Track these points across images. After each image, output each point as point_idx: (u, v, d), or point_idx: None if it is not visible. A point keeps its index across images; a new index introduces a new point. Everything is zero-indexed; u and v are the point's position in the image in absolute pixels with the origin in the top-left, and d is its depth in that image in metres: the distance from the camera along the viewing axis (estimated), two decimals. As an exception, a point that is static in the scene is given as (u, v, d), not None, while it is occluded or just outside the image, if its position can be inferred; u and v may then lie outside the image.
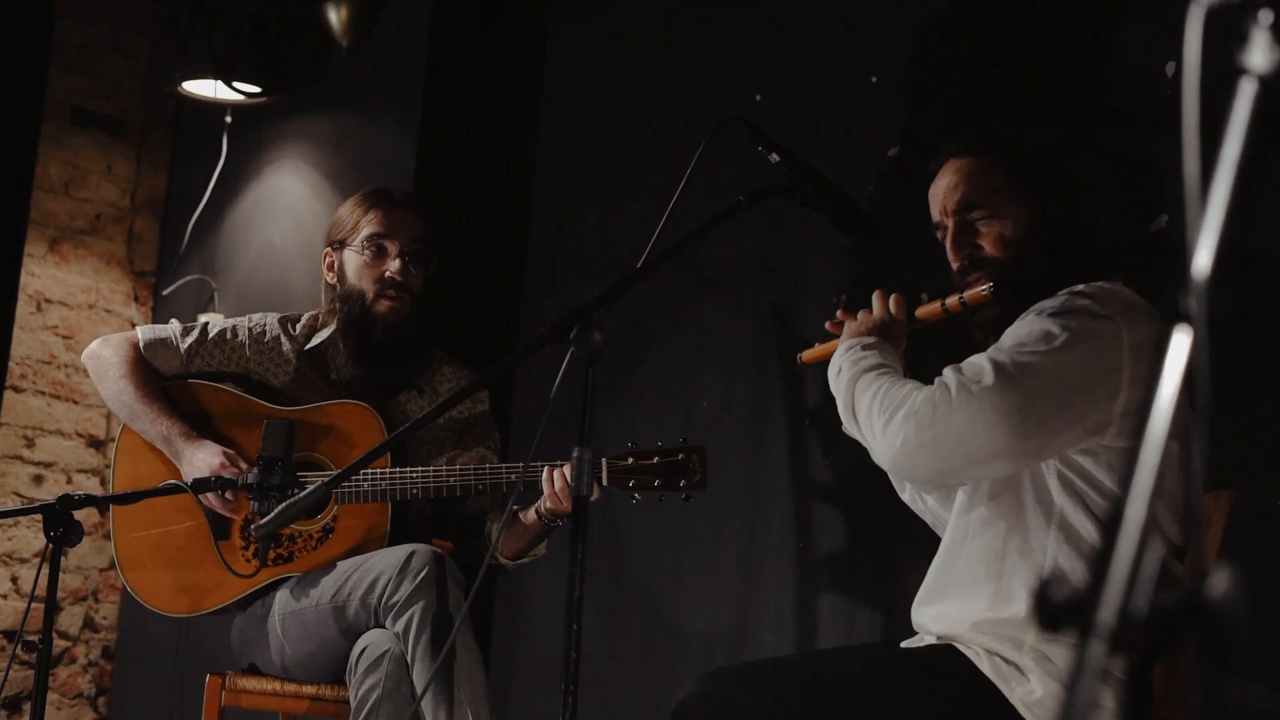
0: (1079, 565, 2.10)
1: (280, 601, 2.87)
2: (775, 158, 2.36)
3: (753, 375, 3.33)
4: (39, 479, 4.33)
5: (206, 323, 3.10)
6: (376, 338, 3.01)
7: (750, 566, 3.26)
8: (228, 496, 2.85)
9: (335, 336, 3.04)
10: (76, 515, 2.50)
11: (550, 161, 3.90)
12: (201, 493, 2.82)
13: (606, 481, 2.70)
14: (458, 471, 2.79)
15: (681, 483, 2.71)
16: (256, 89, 4.03)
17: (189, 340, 3.04)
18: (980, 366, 2.10)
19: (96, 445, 4.46)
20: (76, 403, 4.41)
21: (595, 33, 3.86)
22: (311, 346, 3.06)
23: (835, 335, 2.41)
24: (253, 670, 2.96)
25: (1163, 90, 2.71)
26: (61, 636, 4.34)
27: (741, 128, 2.40)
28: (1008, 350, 2.12)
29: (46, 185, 4.36)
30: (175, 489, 2.76)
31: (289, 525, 2.71)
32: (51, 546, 2.48)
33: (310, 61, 4.04)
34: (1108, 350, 2.09)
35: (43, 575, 2.44)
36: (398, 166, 3.86)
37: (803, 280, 3.27)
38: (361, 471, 2.74)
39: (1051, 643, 2.08)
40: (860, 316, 2.38)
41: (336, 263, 3.06)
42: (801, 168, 2.37)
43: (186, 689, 4.02)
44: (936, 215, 2.36)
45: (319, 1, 3.79)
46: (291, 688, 2.90)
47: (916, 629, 2.30)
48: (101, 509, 3.98)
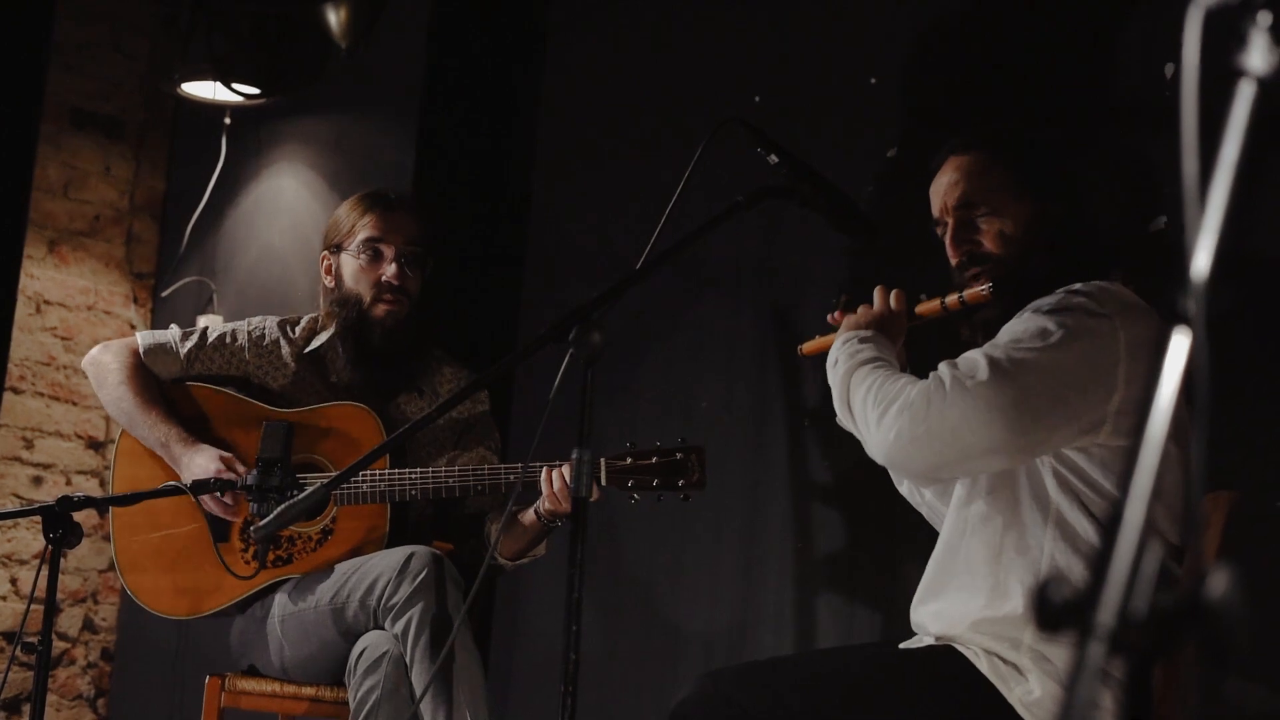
0: (1076, 563, 2.10)
1: (279, 603, 2.87)
2: (774, 158, 2.36)
3: (752, 375, 3.33)
4: (38, 480, 4.33)
5: (206, 327, 3.10)
6: (375, 342, 3.00)
7: (750, 567, 3.26)
8: (227, 500, 2.85)
9: (334, 340, 3.04)
10: (76, 517, 2.50)
11: (550, 162, 3.90)
12: (201, 494, 2.82)
13: (605, 481, 2.70)
14: (457, 472, 2.79)
15: (680, 482, 2.71)
16: (255, 90, 4.03)
17: (188, 345, 3.04)
18: (975, 361, 2.11)
19: (96, 447, 4.46)
20: (75, 404, 4.41)
21: (595, 33, 3.86)
22: (311, 349, 3.06)
23: (836, 328, 2.41)
24: (252, 672, 2.96)
25: (1162, 91, 2.71)
26: (61, 638, 4.34)
27: (740, 128, 2.40)
28: (1004, 346, 2.12)
29: (45, 186, 4.36)
30: (174, 490, 2.76)
31: (288, 527, 2.71)
32: (51, 548, 2.48)
33: (309, 62, 4.04)
34: (1104, 348, 2.09)
35: (42, 577, 2.44)
36: (397, 167, 3.86)
37: (802, 280, 3.27)
38: (360, 473, 2.74)
39: (1049, 642, 2.08)
40: (860, 310, 2.39)
41: (334, 267, 3.06)
42: (800, 168, 2.37)
43: (186, 690, 4.01)
44: (937, 211, 2.36)
45: (318, 2, 3.78)
46: (291, 689, 2.90)
47: (915, 629, 2.30)
48: (101, 510, 3.98)
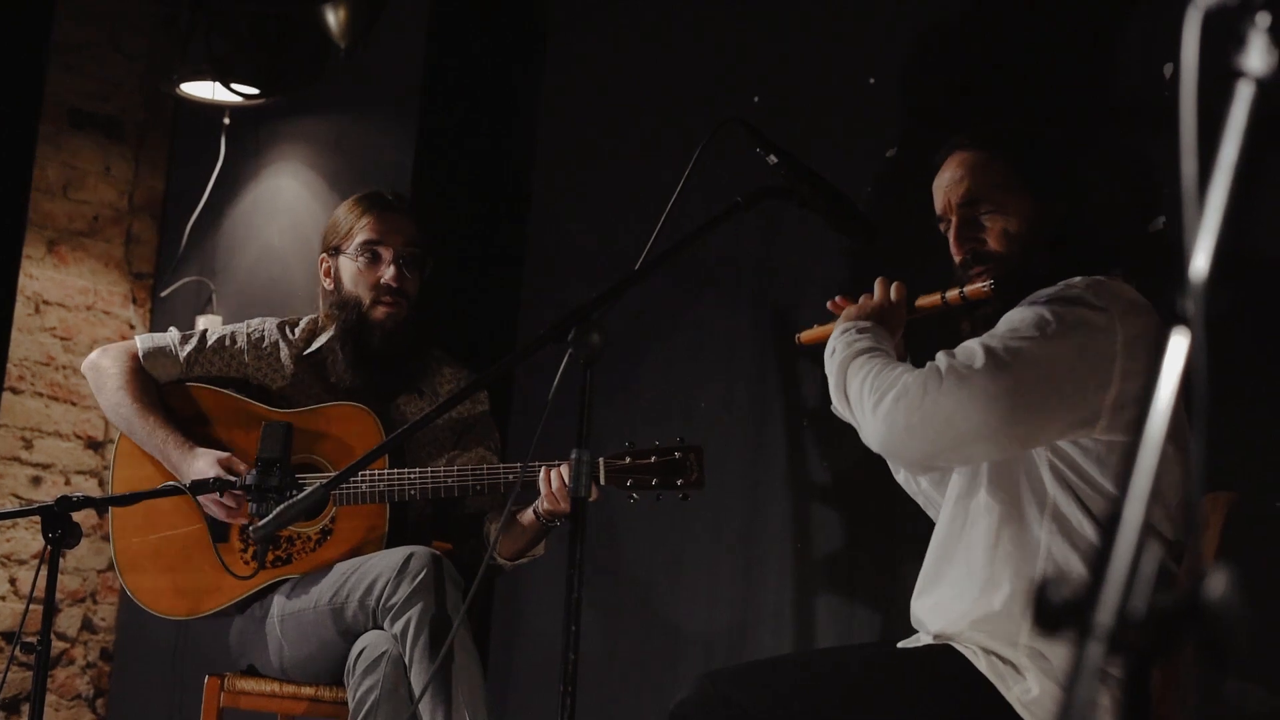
0: (1073, 556, 2.10)
1: (279, 603, 2.87)
2: (773, 159, 2.36)
3: (751, 375, 3.33)
4: (37, 480, 4.33)
5: (205, 330, 3.10)
6: (374, 344, 3.00)
7: (749, 566, 3.26)
8: (229, 503, 2.85)
9: (334, 342, 3.04)
10: (75, 517, 2.50)
11: (549, 161, 3.90)
12: (200, 494, 2.81)
13: (604, 481, 2.70)
14: (456, 472, 2.79)
15: (679, 482, 2.71)
16: (255, 90, 4.03)
17: (188, 349, 3.04)
18: (972, 350, 2.11)
19: (95, 447, 4.46)
20: (75, 404, 4.41)
21: (594, 33, 3.86)
22: (310, 351, 3.06)
23: (835, 317, 2.41)
24: (251, 671, 2.96)
25: (1161, 91, 2.71)
26: (60, 638, 4.34)
27: (740, 129, 2.40)
28: (1000, 336, 2.12)
29: (44, 187, 4.36)
30: (174, 490, 2.76)
31: (287, 527, 2.71)
32: (50, 548, 2.48)
33: (308, 63, 4.04)
34: (1101, 342, 2.09)
35: (41, 577, 2.44)
36: (396, 167, 3.86)
37: (801, 280, 3.27)
38: (360, 473, 2.74)
39: (1047, 640, 2.08)
40: (860, 300, 2.39)
41: (333, 269, 3.06)
42: (799, 169, 2.37)
43: (185, 690, 4.01)
44: (940, 209, 2.36)
45: (317, 2, 3.78)
46: (290, 689, 2.90)
47: (914, 624, 2.30)
48: (100, 510, 3.98)
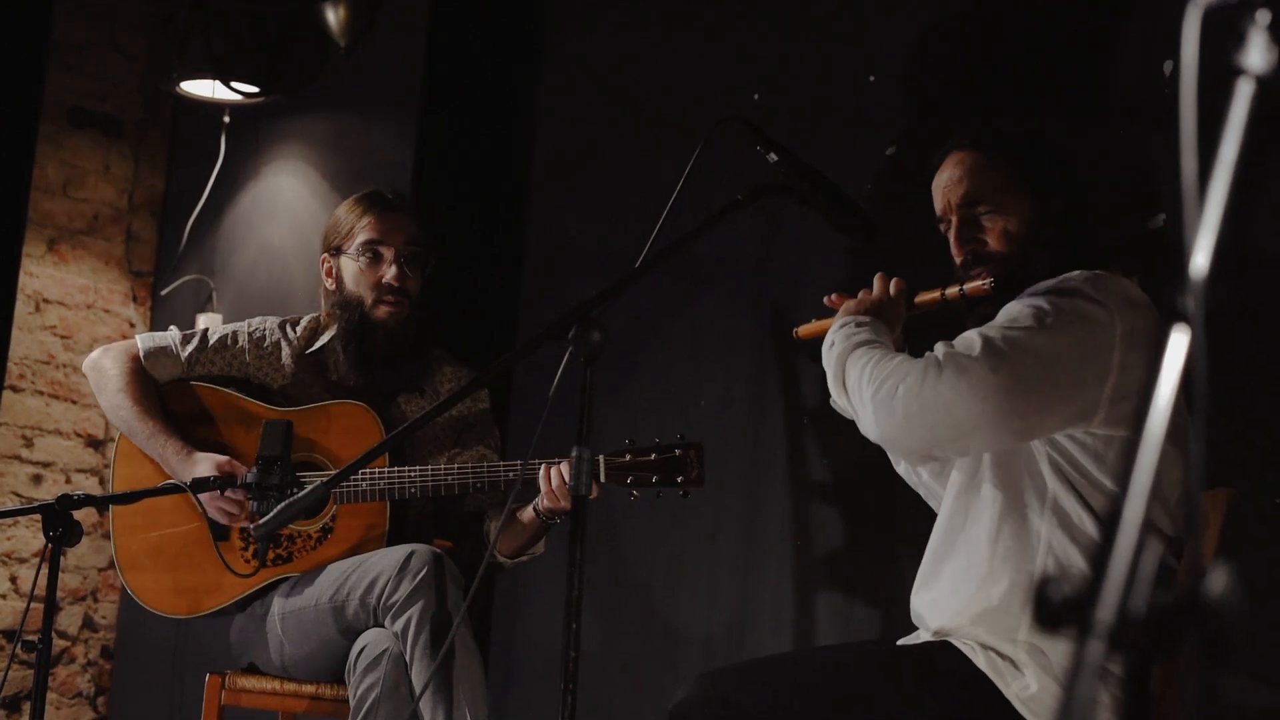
0: (1073, 551, 2.11)
1: (279, 601, 2.87)
2: (773, 157, 2.36)
3: (751, 373, 3.33)
4: (38, 479, 4.33)
5: (206, 329, 3.10)
6: (377, 344, 3.00)
7: (749, 564, 3.26)
8: (228, 508, 2.84)
9: (335, 341, 3.04)
10: (75, 515, 2.50)
11: (549, 160, 3.90)
12: (200, 492, 2.81)
13: (604, 478, 2.70)
14: (456, 470, 2.79)
15: (679, 479, 2.70)
16: (254, 89, 4.02)
17: (189, 348, 3.04)
18: (971, 341, 2.12)
19: (95, 445, 4.46)
20: (75, 402, 4.41)
21: (593, 32, 3.86)
22: (312, 350, 3.06)
23: (833, 312, 2.41)
24: (252, 669, 2.96)
25: (1161, 89, 2.71)
26: (61, 636, 4.34)
27: (740, 127, 2.40)
28: (999, 326, 2.13)
29: (44, 185, 4.36)
30: (175, 489, 2.76)
31: (288, 525, 2.71)
32: (51, 546, 2.48)
33: (308, 61, 4.03)
34: (1098, 333, 2.09)
35: (42, 575, 2.44)
36: (396, 166, 3.86)
37: (801, 278, 3.27)
38: (360, 471, 2.74)
39: (1046, 637, 2.08)
40: (860, 295, 2.39)
41: (334, 269, 3.06)
42: (799, 167, 2.37)
43: (186, 688, 4.01)
44: (940, 209, 2.36)
45: (316, 1, 3.78)
46: (291, 687, 2.90)
47: (914, 620, 2.31)
48: (100, 509, 3.98)
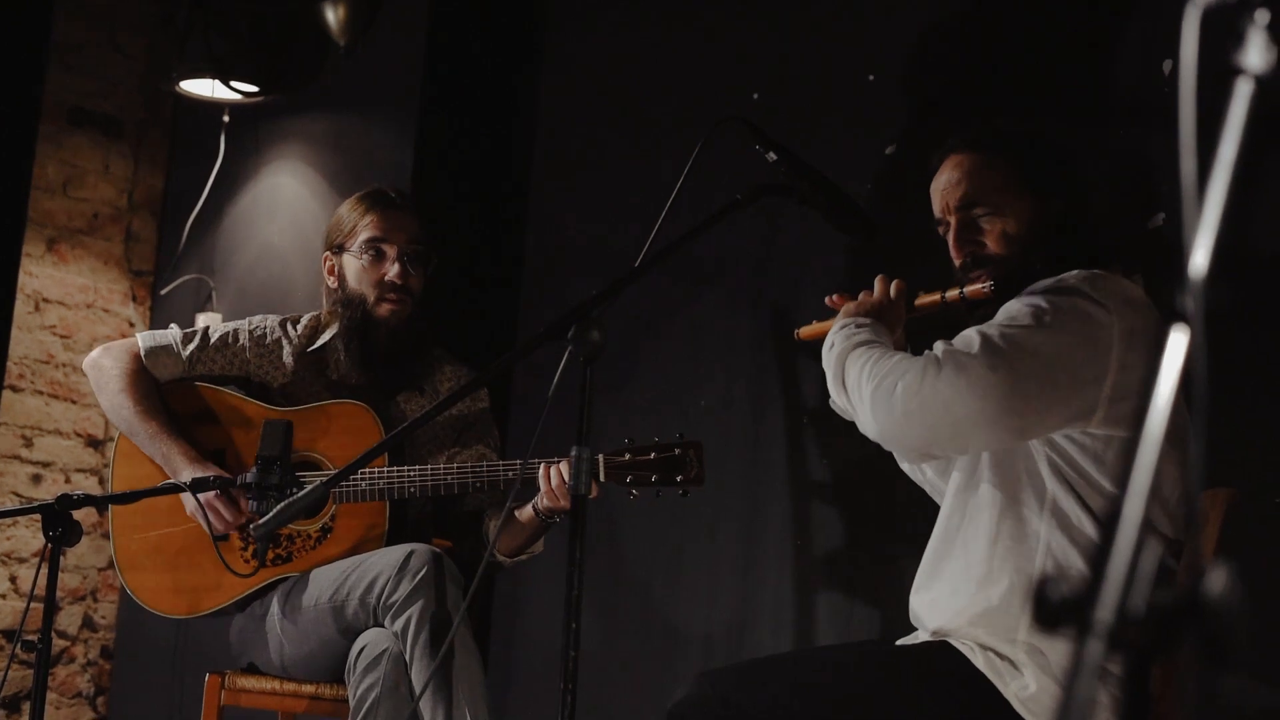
0: (1072, 551, 2.11)
1: (279, 601, 2.87)
2: (773, 156, 2.36)
3: (751, 372, 3.33)
4: (37, 479, 4.33)
5: (207, 327, 3.09)
6: (379, 342, 3.00)
7: (748, 564, 3.26)
8: (226, 515, 2.84)
9: (337, 340, 3.04)
10: (75, 515, 2.50)
11: (548, 160, 3.90)
12: (200, 492, 2.81)
13: (603, 477, 2.70)
14: (455, 470, 2.79)
15: (678, 478, 2.70)
16: (254, 88, 4.02)
17: (190, 347, 3.03)
18: (970, 339, 2.12)
19: (95, 445, 4.46)
20: (75, 402, 4.41)
21: (593, 32, 3.86)
22: (313, 349, 3.06)
23: (834, 313, 2.42)
24: (252, 669, 2.96)
25: (1160, 88, 2.71)
26: (60, 636, 4.34)
27: (739, 126, 2.40)
28: (998, 325, 2.13)
29: (44, 185, 4.36)
30: (174, 488, 2.76)
31: (287, 525, 2.71)
32: (50, 546, 2.48)
33: (308, 61, 4.03)
34: (1097, 331, 2.09)
35: (42, 575, 2.44)
36: (396, 165, 3.86)
37: (801, 278, 3.27)
38: (360, 471, 2.73)
39: (1045, 637, 2.08)
40: (860, 297, 2.39)
41: (336, 267, 3.06)
42: (799, 166, 2.37)
43: (185, 688, 4.01)
44: (939, 211, 2.36)
45: (316, 1, 3.78)
46: (290, 687, 2.90)
47: (913, 620, 2.31)
48: (100, 509, 3.98)
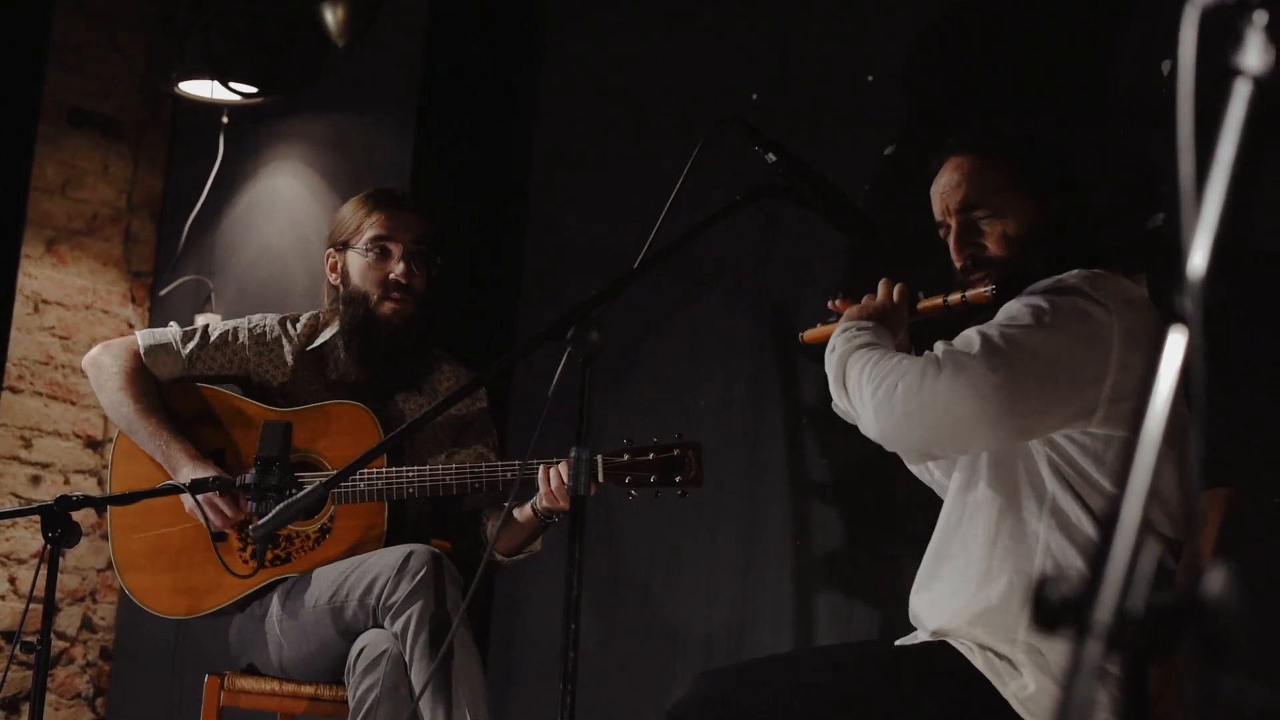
0: (1071, 551, 2.11)
1: (278, 602, 2.87)
2: (772, 157, 2.36)
3: (751, 373, 3.33)
4: (36, 480, 4.33)
5: (207, 325, 3.09)
6: (381, 341, 3.00)
7: (748, 564, 3.26)
8: (225, 511, 2.84)
9: (337, 338, 3.04)
10: (74, 516, 2.50)
11: (548, 160, 3.90)
12: (199, 493, 2.81)
13: (602, 478, 2.70)
14: (454, 470, 2.79)
15: (677, 478, 2.70)
16: (253, 89, 4.02)
17: (190, 345, 3.03)
18: (970, 339, 2.13)
19: (94, 446, 4.46)
20: (74, 404, 4.41)
21: (592, 32, 3.86)
22: (313, 347, 3.06)
23: (838, 316, 2.43)
24: (251, 670, 2.96)
25: (1159, 88, 2.71)
26: (60, 637, 4.34)
27: (739, 127, 2.40)
28: (998, 325, 2.14)
29: (43, 186, 4.36)
30: (173, 490, 2.76)
31: (286, 526, 2.71)
32: (50, 547, 2.48)
33: (307, 62, 4.03)
34: (1098, 332, 2.10)
35: (41, 576, 2.44)
36: (395, 165, 3.86)
37: (800, 278, 3.27)
38: (358, 471, 2.73)
39: (1044, 637, 2.08)
40: (864, 300, 2.40)
41: (340, 264, 3.06)
42: (798, 167, 2.37)
43: (185, 689, 4.01)
44: (939, 214, 2.36)
45: (315, 1, 3.78)
46: (290, 688, 2.90)
47: (912, 620, 2.31)
48: (99, 510, 3.97)
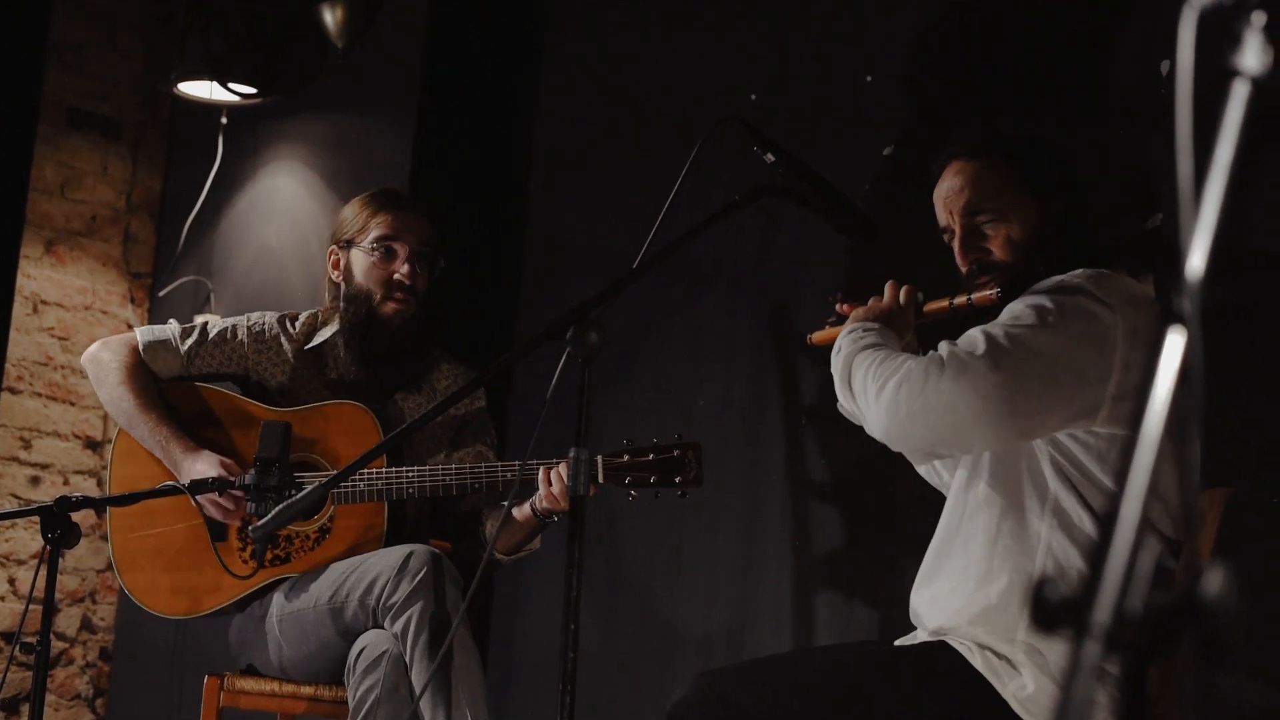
0: (1072, 551, 2.11)
1: (278, 602, 2.87)
2: (771, 157, 2.36)
3: (750, 373, 3.33)
4: (36, 481, 4.33)
5: (205, 322, 3.09)
6: (381, 341, 3.00)
7: (748, 564, 3.26)
8: (226, 505, 2.84)
9: (337, 336, 3.04)
10: (74, 517, 2.50)
11: (547, 161, 3.90)
12: (199, 494, 2.81)
13: (602, 479, 2.70)
14: (454, 470, 2.79)
15: (677, 479, 2.71)
16: (252, 90, 4.02)
17: (189, 342, 3.04)
18: (974, 339, 2.13)
19: (93, 447, 4.46)
20: (73, 404, 4.41)
21: (592, 32, 3.86)
22: (312, 346, 3.06)
23: (845, 319, 2.43)
24: (251, 671, 2.96)
25: (1158, 88, 2.71)
26: (59, 638, 4.34)
27: (738, 127, 2.40)
28: (1002, 324, 2.14)
29: (42, 186, 4.36)
30: (173, 490, 2.76)
31: (286, 526, 2.71)
32: (49, 548, 2.48)
33: (306, 62, 4.03)
34: (1101, 330, 2.10)
35: (40, 577, 2.44)
36: (394, 166, 3.86)
37: (800, 279, 3.27)
38: (358, 471, 2.73)
39: (1043, 637, 2.08)
40: (870, 303, 2.41)
41: (343, 261, 3.06)
42: (797, 167, 2.37)
43: (184, 690, 4.01)
44: (943, 219, 2.37)
45: (314, 2, 3.78)
46: (289, 688, 2.90)
47: (912, 618, 2.31)
48: (99, 511, 3.97)
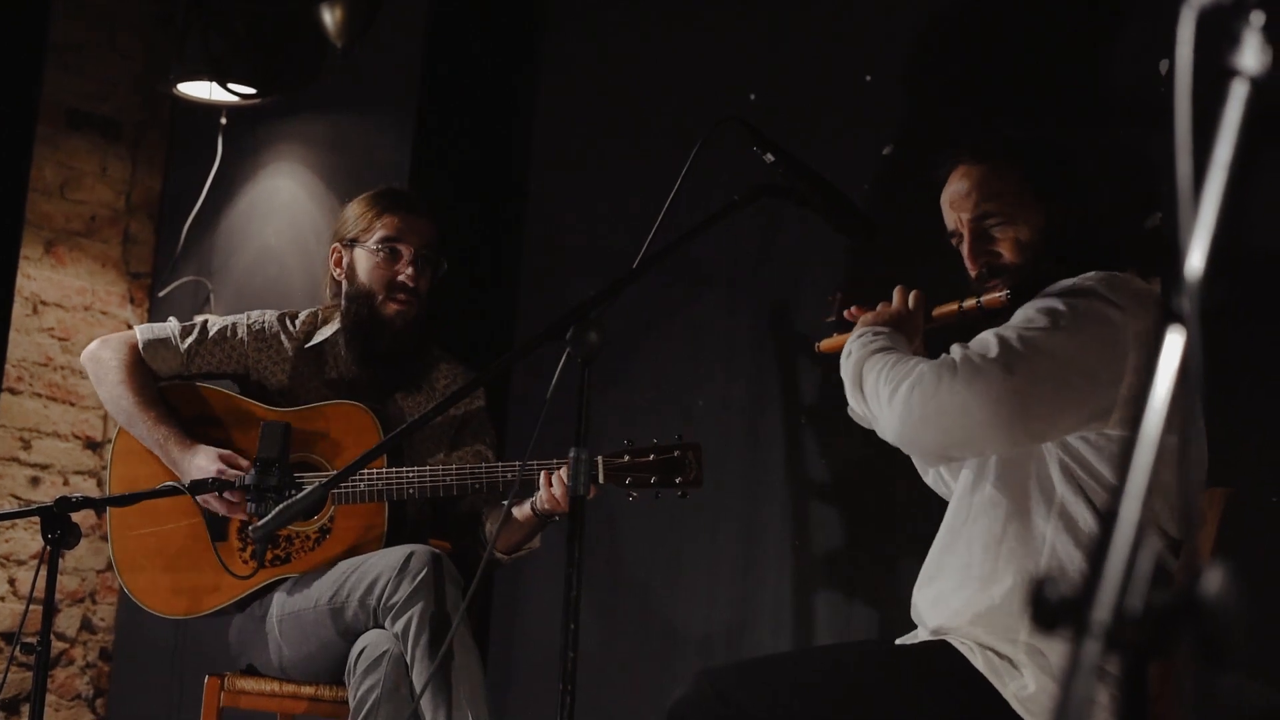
0: (1076, 554, 2.11)
1: (278, 602, 2.87)
2: (770, 157, 2.36)
3: (750, 373, 3.33)
4: (36, 481, 4.33)
5: (205, 320, 3.09)
6: (382, 341, 3.00)
7: (748, 564, 3.26)
8: (229, 497, 2.84)
9: (338, 335, 3.04)
10: (74, 517, 2.50)
11: (546, 161, 3.90)
12: (199, 494, 2.81)
13: (603, 479, 2.70)
14: (454, 470, 2.79)
15: (678, 479, 2.71)
16: (252, 90, 4.02)
17: (189, 340, 3.04)
18: (987, 342, 2.13)
19: (93, 447, 4.46)
20: (73, 405, 4.41)
21: (591, 32, 3.86)
22: (312, 345, 3.06)
23: (852, 325, 2.43)
24: (251, 671, 2.96)
25: (1157, 89, 2.72)
26: (59, 638, 4.34)
27: (737, 127, 2.40)
28: (1015, 328, 2.14)
29: (42, 187, 4.36)
30: (173, 490, 2.76)
31: (286, 526, 2.71)
32: (49, 549, 2.48)
33: (305, 62, 4.03)
34: (1113, 334, 2.10)
35: (40, 577, 2.44)
36: (394, 166, 3.86)
37: (800, 279, 3.27)
38: (358, 472, 2.74)
39: (1044, 637, 2.08)
40: (879, 307, 2.41)
41: (346, 259, 3.05)
42: (797, 167, 2.37)
43: (185, 690, 4.01)
44: (951, 224, 2.36)
45: (314, 2, 3.78)
46: (290, 688, 2.90)
47: (914, 617, 2.31)
48: (99, 511, 3.97)
